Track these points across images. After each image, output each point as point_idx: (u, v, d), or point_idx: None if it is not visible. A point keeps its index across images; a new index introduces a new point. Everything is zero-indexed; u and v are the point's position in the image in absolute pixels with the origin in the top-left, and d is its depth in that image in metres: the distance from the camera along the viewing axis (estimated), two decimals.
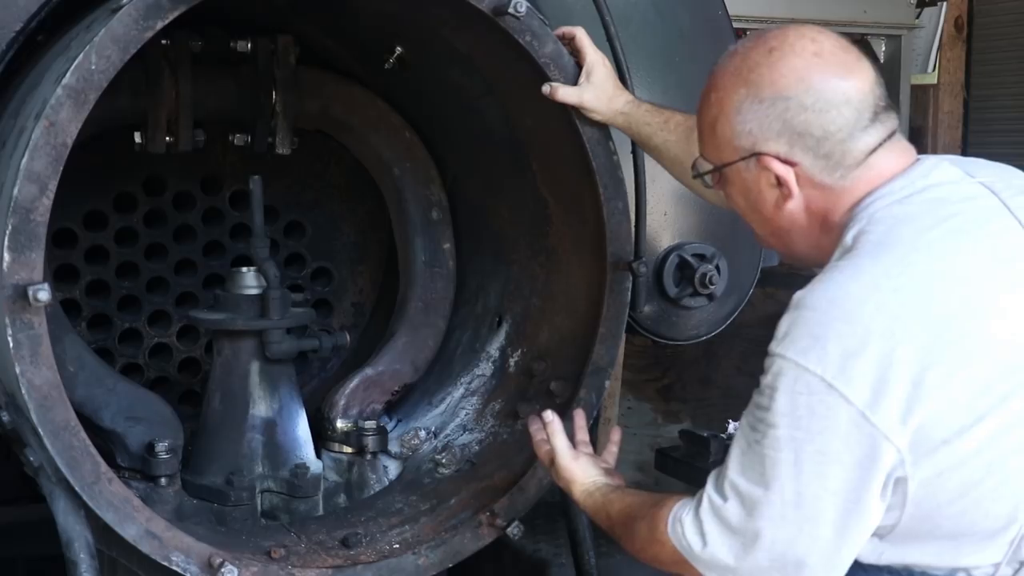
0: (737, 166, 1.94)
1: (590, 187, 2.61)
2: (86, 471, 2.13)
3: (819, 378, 1.72)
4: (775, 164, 1.88)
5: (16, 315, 2.02)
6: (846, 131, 1.86)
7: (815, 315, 1.76)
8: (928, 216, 1.83)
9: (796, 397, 1.74)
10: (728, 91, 1.92)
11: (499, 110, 2.77)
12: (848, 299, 1.75)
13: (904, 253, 1.78)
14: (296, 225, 3.19)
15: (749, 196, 1.97)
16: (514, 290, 2.95)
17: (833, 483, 1.74)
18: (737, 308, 3.24)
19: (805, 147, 1.86)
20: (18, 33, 2.38)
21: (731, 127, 1.92)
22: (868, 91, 1.88)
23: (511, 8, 2.39)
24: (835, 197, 1.90)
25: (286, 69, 2.76)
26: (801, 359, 1.74)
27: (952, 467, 1.75)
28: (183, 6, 2.13)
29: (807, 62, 1.87)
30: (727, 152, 1.95)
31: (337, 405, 2.82)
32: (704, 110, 2.00)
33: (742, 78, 1.90)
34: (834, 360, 1.72)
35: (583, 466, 2.35)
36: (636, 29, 3.00)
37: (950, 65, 7.02)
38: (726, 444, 3.62)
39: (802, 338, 1.75)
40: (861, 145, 1.87)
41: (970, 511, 1.80)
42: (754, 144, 1.90)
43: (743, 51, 1.94)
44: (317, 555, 2.47)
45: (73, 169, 2.11)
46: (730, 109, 1.91)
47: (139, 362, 3.03)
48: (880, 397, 1.70)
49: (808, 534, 1.77)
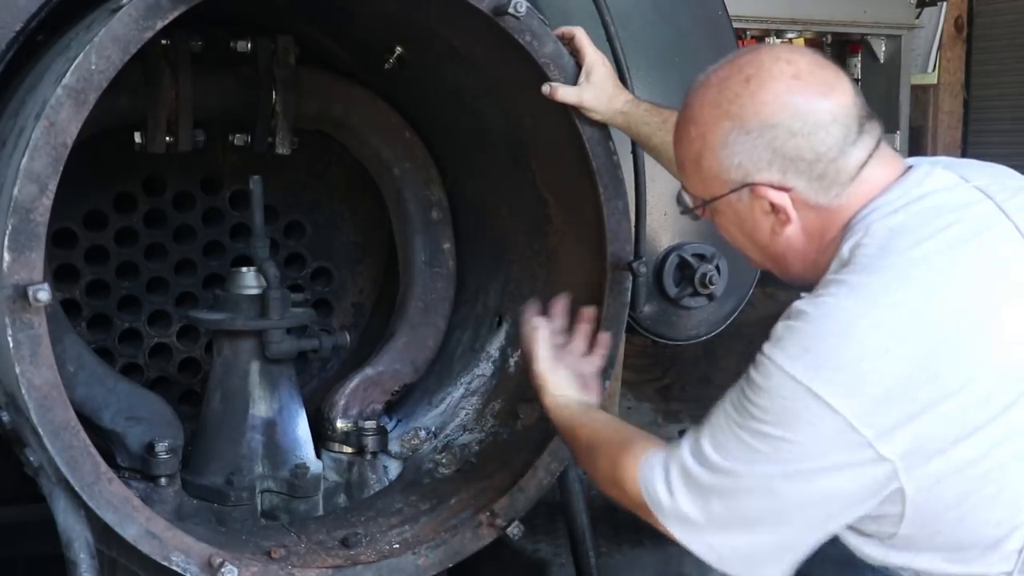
0: (727, 199, 1.91)
1: (590, 187, 2.60)
2: (86, 471, 2.13)
3: (805, 388, 1.72)
4: (770, 192, 1.86)
5: (16, 315, 2.02)
6: (836, 149, 1.84)
7: (810, 327, 1.76)
8: (924, 227, 1.82)
9: (782, 401, 1.75)
10: (710, 125, 1.88)
11: (499, 110, 2.77)
12: (844, 314, 1.75)
13: (902, 267, 1.78)
14: (296, 225, 3.19)
15: (744, 226, 1.95)
16: (514, 290, 2.95)
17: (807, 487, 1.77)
18: (737, 308, 3.24)
19: (798, 171, 1.84)
20: (18, 33, 2.38)
21: (718, 161, 1.88)
22: (851, 104, 1.85)
23: (511, 8, 2.39)
24: (831, 215, 1.88)
25: (286, 69, 2.76)
26: (788, 366, 1.74)
27: (950, 474, 1.75)
28: (183, 6, 2.13)
29: (788, 86, 1.83)
30: (715, 186, 1.92)
31: (337, 405, 2.82)
32: (684, 144, 1.95)
33: (723, 110, 1.86)
34: (823, 372, 1.72)
35: (559, 378, 2.36)
36: (636, 29, 3.00)
37: (950, 65, 7.02)
38: None
39: (793, 347, 1.76)
40: (852, 161, 1.85)
41: (968, 518, 1.80)
42: (745, 175, 1.87)
43: (717, 81, 1.90)
44: (317, 555, 2.47)
45: (73, 169, 2.11)
46: (715, 143, 1.87)
47: (139, 362, 3.03)
48: (872, 410, 1.71)
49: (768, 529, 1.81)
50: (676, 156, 2.02)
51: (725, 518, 1.84)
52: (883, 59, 6.74)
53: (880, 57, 6.77)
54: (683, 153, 1.97)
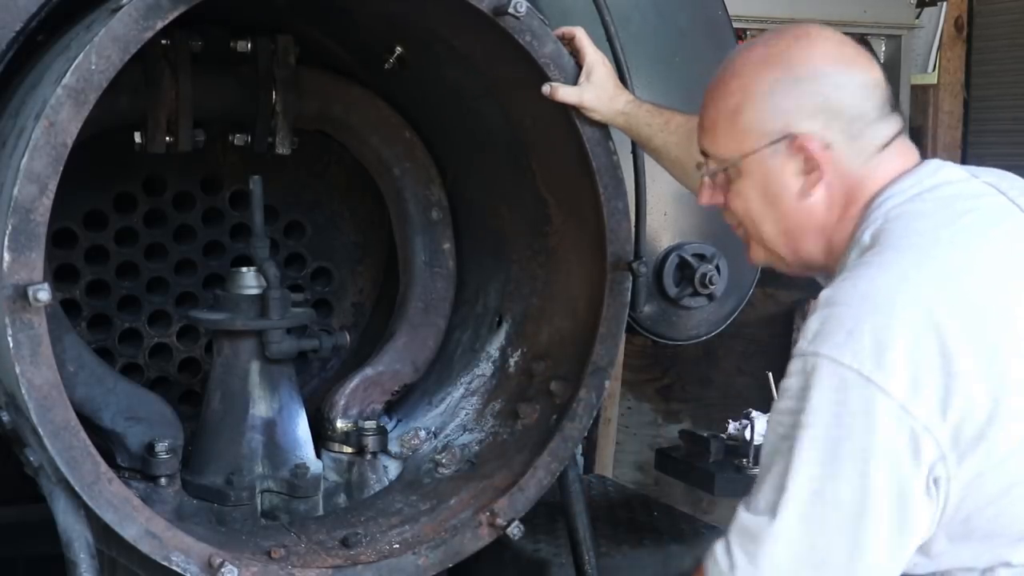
0: (761, 154, 1.91)
1: (590, 187, 2.60)
2: (86, 471, 2.13)
3: (856, 372, 1.68)
4: (811, 143, 1.86)
5: (16, 315, 2.02)
6: (873, 114, 1.88)
7: (848, 310, 1.73)
8: (943, 212, 1.84)
9: (833, 393, 1.69)
10: (755, 75, 1.91)
11: (499, 110, 2.77)
12: (879, 293, 1.73)
13: (928, 247, 1.78)
14: (296, 225, 3.19)
15: (768, 190, 1.93)
16: (514, 290, 2.95)
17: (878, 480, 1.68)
18: (737, 308, 3.24)
19: (839, 127, 1.87)
20: (18, 33, 2.38)
21: (759, 111, 1.90)
22: (885, 84, 1.91)
23: (511, 8, 2.39)
24: (855, 187, 1.89)
25: (286, 69, 2.76)
26: (836, 354, 1.70)
27: (991, 468, 1.70)
28: (183, 6, 2.13)
29: (836, 46, 1.90)
30: (750, 140, 1.91)
31: (337, 405, 2.82)
32: (720, 99, 1.96)
33: (771, 62, 1.90)
34: (870, 354, 1.68)
35: None
36: (636, 29, 3.00)
37: (950, 65, 7.01)
38: (726, 444, 3.62)
39: (836, 333, 1.71)
40: (881, 133, 1.89)
41: (1006, 512, 1.76)
42: (787, 125, 1.88)
43: (763, 42, 1.95)
44: (317, 555, 2.47)
45: (73, 169, 2.11)
46: (758, 92, 1.90)
47: (139, 362, 3.03)
48: (918, 389, 1.67)
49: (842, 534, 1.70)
50: (705, 118, 2.00)
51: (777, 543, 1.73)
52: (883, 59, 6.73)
53: (880, 57, 6.75)
54: (717, 109, 1.97)
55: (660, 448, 4.12)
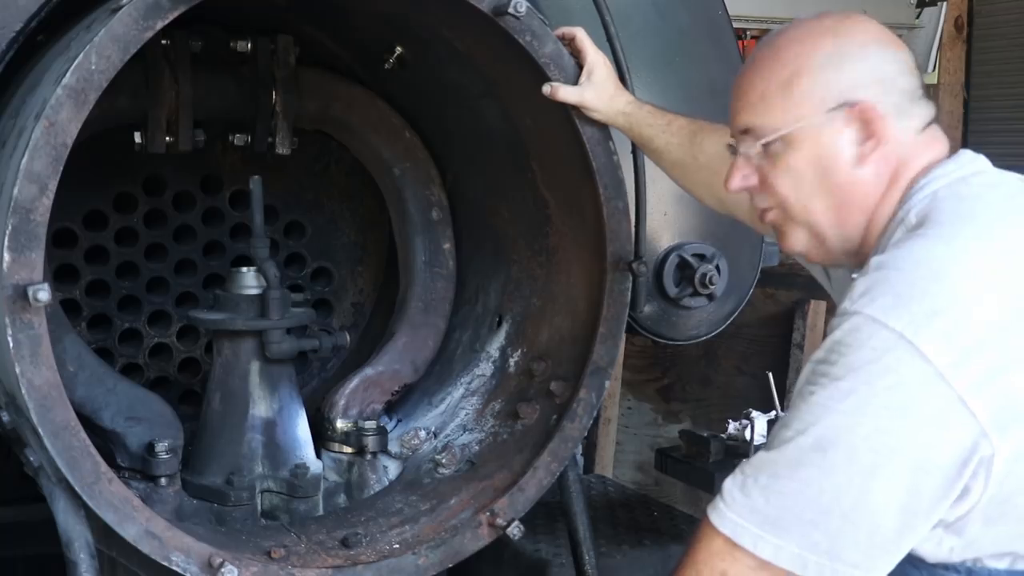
0: (819, 121, 1.89)
1: (590, 187, 2.60)
2: (86, 471, 2.13)
3: (898, 335, 1.66)
4: (871, 110, 1.86)
5: (16, 315, 2.02)
6: (918, 93, 1.92)
7: (900, 275, 1.72)
8: (991, 194, 1.86)
9: (871, 352, 1.68)
10: (811, 45, 1.92)
11: (499, 110, 2.77)
12: (936, 260, 1.73)
13: (986, 223, 1.79)
14: (296, 225, 3.19)
15: (821, 159, 1.90)
16: (514, 290, 2.95)
17: (899, 440, 1.67)
18: (737, 308, 3.24)
19: (891, 101, 1.88)
20: (18, 33, 2.38)
21: (815, 80, 1.89)
22: (919, 72, 1.96)
23: (511, 8, 2.39)
24: (901, 164, 1.90)
25: (286, 69, 2.76)
26: (880, 315, 1.68)
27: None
28: (183, 6, 2.13)
29: (878, 28, 1.95)
30: (806, 107, 1.90)
31: (337, 405, 2.82)
32: (768, 73, 1.94)
33: (824, 35, 1.92)
34: (917, 318, 1.66)
35: None
36: (636, 29, 3.01)
37: (950, 65, 7.01)
38: (726, 444, 3.63)
39: (884, 296, 1.70)
40: (921, 114, 1.92)
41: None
42: (842, 93, 1.88)
43: (806, 23, 1.96)
44: (317, 555, 2.47)
45: (73, 169, 2.11)
46: (816, 61, 1.90)
47: (139, 362, 3.03)
48: (963, 359, 1.65)
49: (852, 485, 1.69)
50: (751, 92, 1.97)
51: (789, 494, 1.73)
52: None
53: None
54: (767, 81, 1.94)
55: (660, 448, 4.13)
